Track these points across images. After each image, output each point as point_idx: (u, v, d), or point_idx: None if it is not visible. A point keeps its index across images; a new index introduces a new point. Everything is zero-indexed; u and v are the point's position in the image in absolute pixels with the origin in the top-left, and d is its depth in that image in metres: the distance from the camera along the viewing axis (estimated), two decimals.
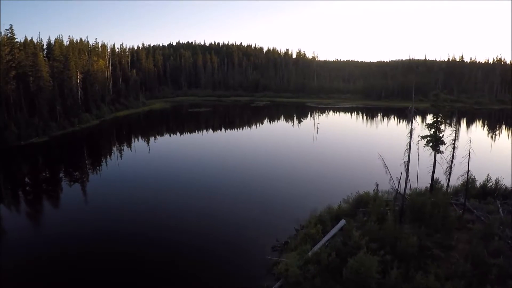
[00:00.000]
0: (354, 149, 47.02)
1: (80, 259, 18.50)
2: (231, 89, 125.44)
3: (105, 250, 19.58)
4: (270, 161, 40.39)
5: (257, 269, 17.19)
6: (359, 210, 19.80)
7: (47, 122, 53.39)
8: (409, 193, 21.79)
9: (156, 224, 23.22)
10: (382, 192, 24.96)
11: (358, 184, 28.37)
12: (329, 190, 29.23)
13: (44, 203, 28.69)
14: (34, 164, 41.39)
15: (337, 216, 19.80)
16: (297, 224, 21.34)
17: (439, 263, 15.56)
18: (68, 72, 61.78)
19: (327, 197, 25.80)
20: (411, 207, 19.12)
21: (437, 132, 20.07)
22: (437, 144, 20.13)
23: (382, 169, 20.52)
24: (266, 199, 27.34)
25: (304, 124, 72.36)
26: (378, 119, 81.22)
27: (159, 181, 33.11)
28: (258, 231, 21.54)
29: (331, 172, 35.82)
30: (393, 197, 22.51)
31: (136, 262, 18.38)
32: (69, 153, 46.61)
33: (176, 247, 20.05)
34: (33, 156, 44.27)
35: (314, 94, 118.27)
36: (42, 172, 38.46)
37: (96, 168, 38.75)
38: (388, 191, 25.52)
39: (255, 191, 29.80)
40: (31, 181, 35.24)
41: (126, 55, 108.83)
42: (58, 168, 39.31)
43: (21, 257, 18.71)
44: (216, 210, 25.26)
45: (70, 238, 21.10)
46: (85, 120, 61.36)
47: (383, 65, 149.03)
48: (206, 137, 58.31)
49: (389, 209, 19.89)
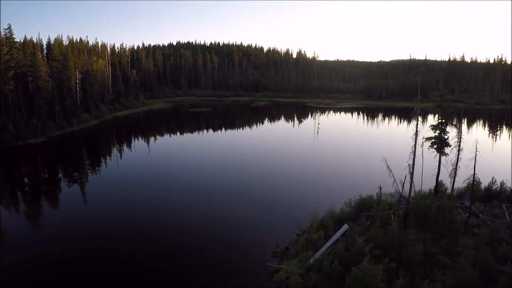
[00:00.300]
0: (356, 150, 46.58)
1: (79, 259, 18.33)
2: (231, 89, 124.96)
3: (104, 251, 19.38)
4: (270, 161, 39.95)
5: (257, 274, 16.78)
6: (362, 214, 19.24)
7: (46, 123, 52.89)
8: (413, 195, 21.30)
9: (156, 224, 22.94)
10: (385, 195, 24.48)
11: (360, 185, 27.94)
12: (330, 191, 28.87)
13: (42, 203, 28.29)
14: (31, 165, 40.97)
15: (339, 220, 19.24)
16: (298, 228, 20.84)
17: (446, 270, 15.06)
18: (67, 72, 61.29)
19: (328, 199, 25.37)
20: (415, 211, 18.62)
21: (442, 134, 19.54)
22: (442, 146, 19.61)
23: (384, 171, 20.11)
24: (266, 200, 27.03)
25: (305, 124, 71.89)
26: (379, 119, 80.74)
27: (159, 181, 32.68)
28: (258, 231, 21.30)
29: (332, 172, 35.40)
30: (396, 199, 22.02)
31: (136, 262, 18.20)
32: (67, 154, 46.15)
33: (176, 247, 19.86)
34: (31, 156, 43.82)
35: (314, 94, 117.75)
36: (40, 172, 38.01)
37: (95, 169, 38.28)
38: (391, 193, 25.05)
39: (255, 191, 29.46)
40: (28, 182, 34.80)
41: (126, 55, 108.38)
42: (56, 168, 38.86)
43: (20, 258, 18.53)
44: (216, 210, 24.98)
45: (70, 238, 20.89)
46: (84, 120, 60.89)
47: (384, 65, 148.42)
48: (206, 137, 57.85)
49: (393, 212, 19.38)
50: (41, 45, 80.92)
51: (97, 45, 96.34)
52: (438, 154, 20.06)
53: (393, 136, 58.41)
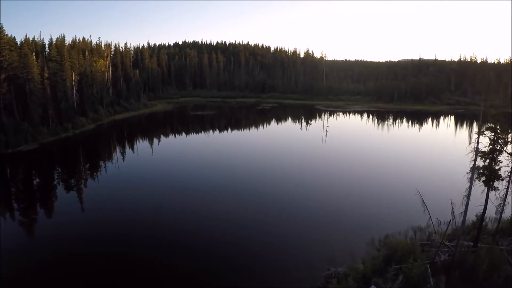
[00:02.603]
0: (376, 165, 40.25)
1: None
2: (236, 89, 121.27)
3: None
4: (278, 179, 35.62)
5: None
6: (391, 268, 15.19)
7: (38, 128, 49.73)
8: (449, 233, 17.44)
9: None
10: (413, 228, 20.68)
11: (383, 213, 24.09)
12: (347, 222, 23.94)
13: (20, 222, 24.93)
14: (18, 175, 37.66)
15: (363, 277, 14.91)
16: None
17: None
18: (62, 73, 58.06)
19: (345, 233, 21.52)
20: (459, 263, 14.76)
21: (493, 163, 15.59)
22: (493, 179, 15.68)
23: (412, 198, 16.28)
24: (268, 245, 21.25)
25: (314, 130, 67.53)
26: (396, 125, 75.94)
27: (159, 197, 28.97)
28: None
29: (347, 194, 30.31)
30: (430, 240, 18.18)
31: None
32: (55, 163, 42.86)
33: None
34: (19, 165, 40.57)
35: (323, 95, 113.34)
36: (24, 184, 34.72)
37: (82, 181, 34.85)
38: (420, 227, 21.24)
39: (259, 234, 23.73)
40: (9, 196, 31.47)
41: (129, 54, 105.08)
42: (41, 181, 35.60)
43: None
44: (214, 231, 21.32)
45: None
46: (80, 124, 57.62)
47: (393, 65, 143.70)
48: (209, 144, 53.91)
49: (429, 262, 15.47)
50: (43, 45, 77.71)
51: (99, 44, 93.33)
52: (486, 188, 16.09)
53: (414, 143, 54.25)
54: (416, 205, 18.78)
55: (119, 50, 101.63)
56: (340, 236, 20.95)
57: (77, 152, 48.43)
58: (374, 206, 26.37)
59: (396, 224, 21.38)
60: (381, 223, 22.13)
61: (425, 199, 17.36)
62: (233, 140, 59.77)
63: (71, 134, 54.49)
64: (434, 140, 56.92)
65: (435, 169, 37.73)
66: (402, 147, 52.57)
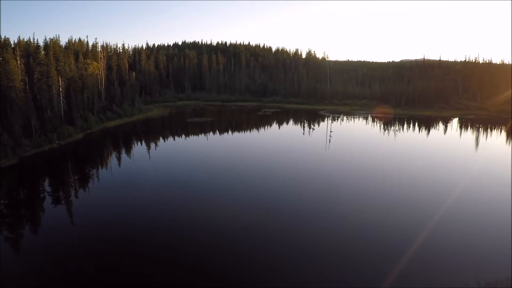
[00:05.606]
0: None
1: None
2: (237, 92, 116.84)
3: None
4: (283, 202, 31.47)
5: None
6: None
7: (18, 140, 45.45)
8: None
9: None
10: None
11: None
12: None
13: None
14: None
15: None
16: None
17: None
18: (47, 79, 53.76)
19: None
20: None
21: None
22: None
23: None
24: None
25: (318, 136, 62.83)
26: (414, 135, 70.96)
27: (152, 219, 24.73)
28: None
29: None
30: None
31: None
32: (33, 180, 38.46)
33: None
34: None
35: (327, 100, 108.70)
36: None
37: (60, 204, 30.42)
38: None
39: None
40: None
41: (126, 56, 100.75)
42: (11, 204, 31.25)
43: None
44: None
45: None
46: (67, 134, 53.22)
47: (397, 66, 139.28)
48: (209, 151, 49.42)
49: None
50: (36, 46, 73.26)
51: (96, 45, 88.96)
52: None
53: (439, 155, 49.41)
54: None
55: (116, 51, 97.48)
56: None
57: (60, 166, 44.12)
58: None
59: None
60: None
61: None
62: (234, 152, 55.21)
63: (56, 146, 50.08)
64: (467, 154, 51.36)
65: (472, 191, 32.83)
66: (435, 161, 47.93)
